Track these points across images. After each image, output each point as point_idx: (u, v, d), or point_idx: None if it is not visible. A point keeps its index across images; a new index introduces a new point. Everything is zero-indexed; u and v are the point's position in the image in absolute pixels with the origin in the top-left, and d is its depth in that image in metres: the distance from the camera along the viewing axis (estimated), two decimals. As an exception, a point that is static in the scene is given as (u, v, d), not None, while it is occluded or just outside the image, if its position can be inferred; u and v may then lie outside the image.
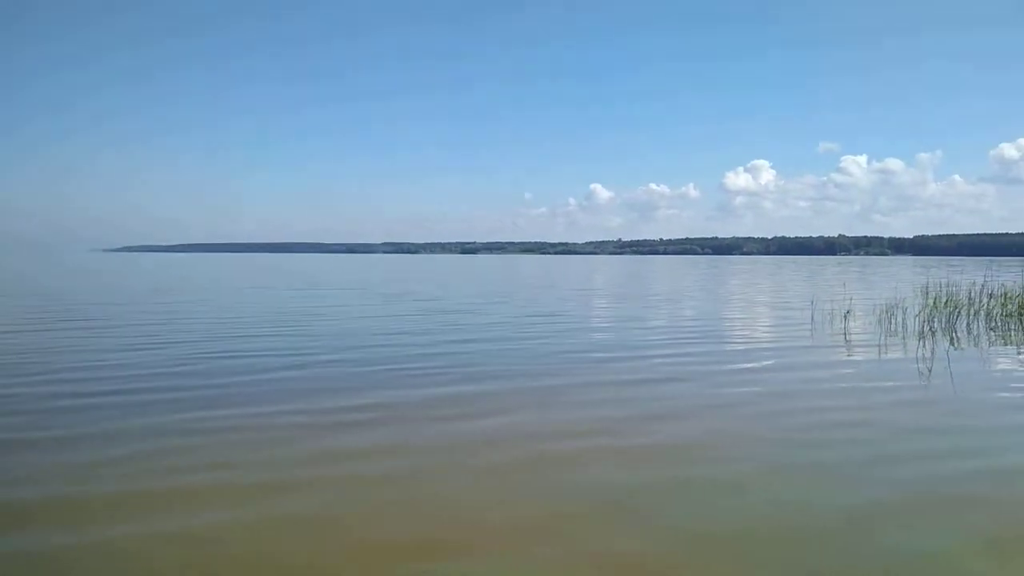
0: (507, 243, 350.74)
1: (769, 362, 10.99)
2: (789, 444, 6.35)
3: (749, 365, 10.68)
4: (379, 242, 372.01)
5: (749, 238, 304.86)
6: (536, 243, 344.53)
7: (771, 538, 4.31)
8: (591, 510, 4.77)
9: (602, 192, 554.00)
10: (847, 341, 13.26)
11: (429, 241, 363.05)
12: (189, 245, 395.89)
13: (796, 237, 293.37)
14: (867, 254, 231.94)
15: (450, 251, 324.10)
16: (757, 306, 23.07)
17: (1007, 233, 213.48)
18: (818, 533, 4.39)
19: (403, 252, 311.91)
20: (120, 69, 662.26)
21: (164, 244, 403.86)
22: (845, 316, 16.11)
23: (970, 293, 16.82)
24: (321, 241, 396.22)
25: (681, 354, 11.65)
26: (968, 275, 19.56)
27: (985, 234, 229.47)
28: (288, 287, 32.19)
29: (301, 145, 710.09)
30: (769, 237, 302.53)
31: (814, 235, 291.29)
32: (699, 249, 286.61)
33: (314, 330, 14.80)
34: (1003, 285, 16.92)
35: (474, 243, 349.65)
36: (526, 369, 10.19)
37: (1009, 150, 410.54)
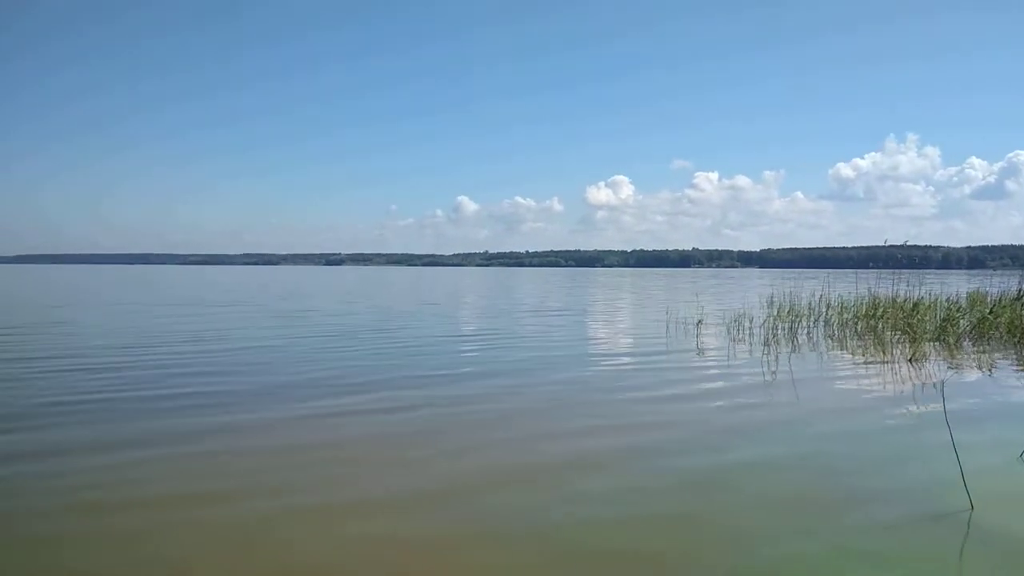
0: (373, 254, 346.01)
1: (629, 370, 11.21)
2: (634, 454, 6.37)
3: (612, 371, 10.83)
4: (237, 253, 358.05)
5: (610, 251, 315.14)
6: (403, 255, 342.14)
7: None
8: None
9: (469, 205, 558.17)
10: (699, 349, 13.69)
11: (291, 252, 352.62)
12: (33, 256, 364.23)
13: (654, 250, 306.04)
14: (718, 266, 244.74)
15: (313, 263, 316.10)
16: (620, 318, 23.66)
17: (844, 247, 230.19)
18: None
19: (263, 264, 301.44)
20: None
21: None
22: (698, 326, 16.68)
23: (810, 303, 17.84)
24: (174, 252, 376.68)
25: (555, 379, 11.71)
26: (809, 286, 20.81)
27: (825, 247, 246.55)
28: (161, 302, 30.17)
29: (150, 153, 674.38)
30: (628, 250, 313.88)
31: (670, 248, 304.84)
32: (563, 262, 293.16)
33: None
34: (840, 295, 18.02)
35: (339, 254, 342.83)
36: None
37: (845, 169, 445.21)
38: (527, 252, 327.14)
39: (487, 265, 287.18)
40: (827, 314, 17.53)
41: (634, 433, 7.03)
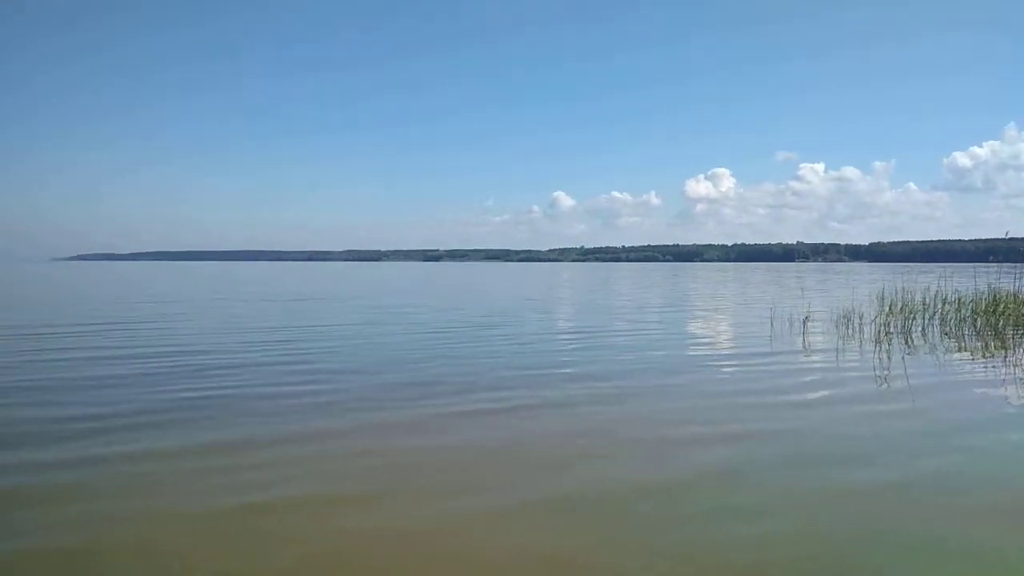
0: (470, 250, 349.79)
1: (739, 372, 11.20)
2: (748, 461, 6.38)
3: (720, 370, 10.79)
4: (339, 250, 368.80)
5: (710, 245, 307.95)
6: (500, 250, 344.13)
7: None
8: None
9: (565, 200, 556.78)
10: (807, 349, 13.40)
11: (391, 249, 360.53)
12: (146, 253, 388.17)
13: (756, 244, 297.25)
14: (824, 261, 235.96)
15: (413, 259, 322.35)
16: (724, 315, 23.34)
17: (960, 240, 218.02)
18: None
19: (364, 260, 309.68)
20: (80, 76, 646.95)
21: (120, 252, 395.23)
22: (804, 322, 16.30)
23: (924, 299, 17.15)
24: (282, 249, 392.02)
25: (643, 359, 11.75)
26: (923, 281, 19.98)
27: (939, 240, 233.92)
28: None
29: (260, 151, 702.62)
30: (729, 244, 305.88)
31: (773, 242, 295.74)
32: (660, 256, 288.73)
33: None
34: (956, 290, 17.25)
35: (437, 250, 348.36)
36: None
37: (962, 159, 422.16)
38: (623, 247, 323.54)
39: (583, 260, 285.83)
40: (943, 310, 16.82)
41: (759, 442, 6.76)
